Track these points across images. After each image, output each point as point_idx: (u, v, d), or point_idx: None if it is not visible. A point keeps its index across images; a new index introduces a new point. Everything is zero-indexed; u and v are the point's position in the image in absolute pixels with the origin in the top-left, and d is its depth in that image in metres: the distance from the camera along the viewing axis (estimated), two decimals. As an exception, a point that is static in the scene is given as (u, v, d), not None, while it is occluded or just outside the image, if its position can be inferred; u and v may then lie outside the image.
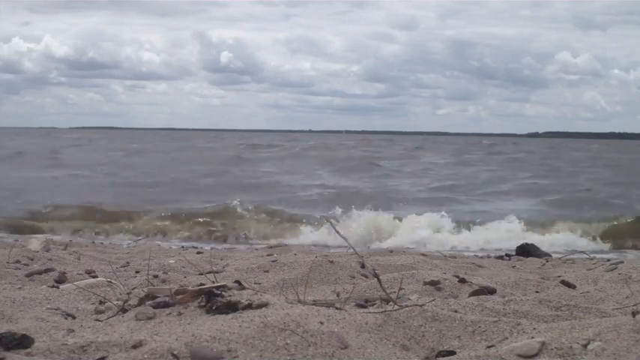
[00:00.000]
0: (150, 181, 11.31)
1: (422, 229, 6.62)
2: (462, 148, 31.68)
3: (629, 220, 7.17)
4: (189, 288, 1.30)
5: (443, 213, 6.94)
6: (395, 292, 1.60)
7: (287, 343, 1.09)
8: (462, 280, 1.95)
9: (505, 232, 6.51)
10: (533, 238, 5.41)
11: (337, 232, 1.71)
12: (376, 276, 1.51)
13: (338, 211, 6.98)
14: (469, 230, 6.65)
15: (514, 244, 4.55)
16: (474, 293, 1.79)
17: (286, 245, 4.84)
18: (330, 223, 1.76)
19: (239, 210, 7.34)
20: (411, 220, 6.87)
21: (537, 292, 1.96)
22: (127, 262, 2.51)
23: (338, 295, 1.75)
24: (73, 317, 1.37)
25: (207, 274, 2.14)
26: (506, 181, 12.98)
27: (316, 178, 12.82)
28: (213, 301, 1.24)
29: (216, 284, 1.33)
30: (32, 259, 2.33)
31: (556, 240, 6.25)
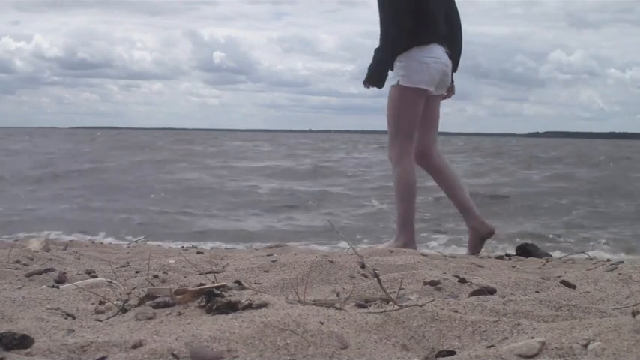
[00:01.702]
0: None
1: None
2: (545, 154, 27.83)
3: None
4: (189, 288, 1.30)
5: None
6: (395, 292, 1.60)
7: (287, 343, 1.09)
8: (462, 280, 1.95)
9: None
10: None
11: (337, 232, 1.71)
12: (376, 276, 1.51)
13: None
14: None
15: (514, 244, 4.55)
16: (474, 293, 1.79)
17: (286, 245, 4.84)
18: (331, 223, 1.76)
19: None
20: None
21: (537, 292, 1.96)
22: (127, 262, 2.51)
23: (338, 295, 1.75)
24: (73, 317, 1.37)
25: (207, 274, 2.14)
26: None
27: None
28: (213, 301, 1.24)
29: (216, 284, 1.33)
30: (32, 259, 2.33)
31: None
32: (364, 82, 3.89)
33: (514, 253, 3.88)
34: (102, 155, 20.87)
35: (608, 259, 3.39)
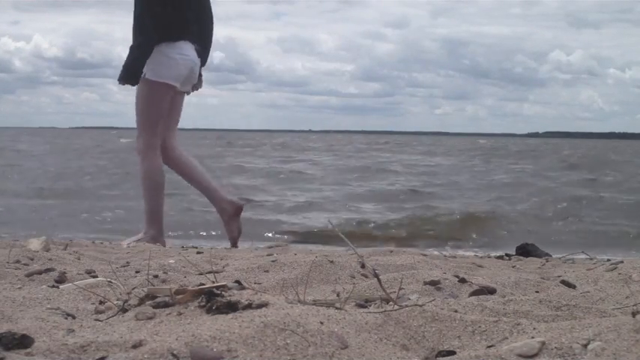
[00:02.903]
0: None
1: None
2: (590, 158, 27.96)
3: None
4: (189, 288, 1.30)
5: None
6: (395, 292, 1.60)
7: (287, 343, 1.09)
8: (462, 280, 1.95)
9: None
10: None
11: (338, 232, 1.71)
12: (376, 276, 1.51)
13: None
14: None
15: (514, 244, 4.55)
16: (474, 293, 1.79)
17: (286, 245, 4.84)
18: (330, 222, 1.78)
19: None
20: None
21: (537, 292, 1.96)
22: (127, 262, 2.51)
23: (338, 295, 1.75)
24: (73, 317, 1.37)
25: (207, 274, 2.14)
26: None
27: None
28: (213, 301, 1.24)
29: (216, 284, 1.33)
30: (32, 259, 2.33)
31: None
32: (119, 80, 3.96)
33: (514, 253, 3.88)
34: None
35: (608, 259, 3.39)
